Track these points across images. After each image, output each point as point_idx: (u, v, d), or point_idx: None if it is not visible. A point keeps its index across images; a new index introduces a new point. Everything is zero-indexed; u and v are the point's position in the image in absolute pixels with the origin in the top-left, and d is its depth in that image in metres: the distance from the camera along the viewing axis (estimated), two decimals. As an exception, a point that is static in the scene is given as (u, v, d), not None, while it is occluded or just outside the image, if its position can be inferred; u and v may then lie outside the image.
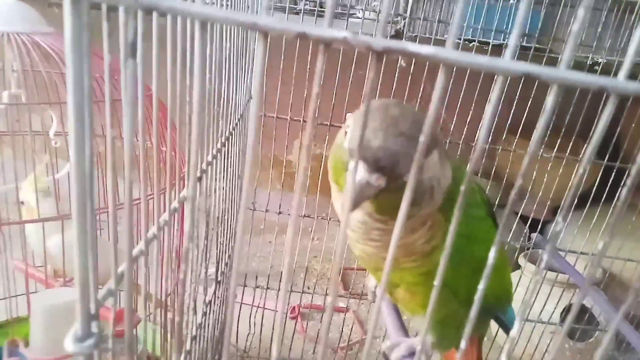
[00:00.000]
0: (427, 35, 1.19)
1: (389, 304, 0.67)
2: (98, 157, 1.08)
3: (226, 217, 0.83)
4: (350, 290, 1.79)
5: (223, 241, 0.82)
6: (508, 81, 0.23)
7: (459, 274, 0.54)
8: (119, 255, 0.33)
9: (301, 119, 1.11)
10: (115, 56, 0.28)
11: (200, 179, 0.55)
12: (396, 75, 1.07)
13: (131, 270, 0.30)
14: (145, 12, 0.23)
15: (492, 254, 0.28)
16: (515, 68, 0.23)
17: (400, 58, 1.14)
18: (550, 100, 0.24)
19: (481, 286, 0.28)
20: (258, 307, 1.43)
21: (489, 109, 0.24)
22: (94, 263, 0.30)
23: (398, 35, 1.23)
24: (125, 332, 0.31)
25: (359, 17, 1.18)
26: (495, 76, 0.23)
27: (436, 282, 0.28)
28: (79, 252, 0.28)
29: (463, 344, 0.30)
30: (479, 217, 0.57)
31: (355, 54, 1.00)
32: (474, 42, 1.14)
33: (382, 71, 1.08)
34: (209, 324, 0.79)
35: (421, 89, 1.08)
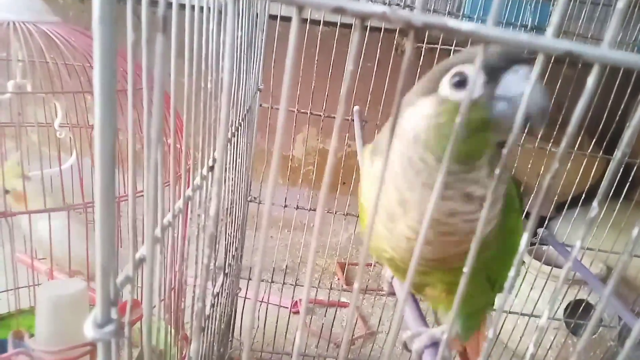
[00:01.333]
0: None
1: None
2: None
3: (234, 209, 0.82)
4: (353, 285, 1.79)
5: (231, 233, 0.81)
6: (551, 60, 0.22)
7: (502, 266, 0.53)
8: (133, 243, 0.33)
9: (308, 111, 1.10)
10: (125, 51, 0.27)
11: (212, 168, 0.54)
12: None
13: (154, 254, 0.30)
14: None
15: (523, 241, 0.27)
16: (557, 46, 0.22)
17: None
18: (590, 81, 0.24)
19: (512, 273, 0.27)
20: (262, 301, 1.42)
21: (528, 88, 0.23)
22: (115, 250, 0.29)
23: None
24: (143, 316, 0.30)
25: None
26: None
27: (465, 269, 0.27)
28: (102, 238, 0.27)
29: (491, 333, 0.29)
30: (518, 209, 0.56)
31: (365, 46, 0.99)
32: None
33: (390, 63, 1.07)
34: (216, 316, 0.78)
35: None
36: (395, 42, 1.64)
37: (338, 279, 1.89)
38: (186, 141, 0.43)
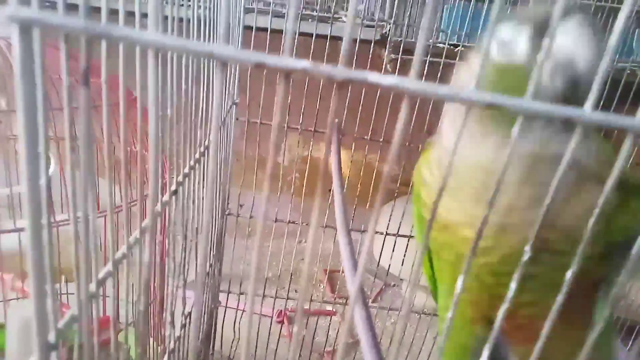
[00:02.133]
0: (413, 40, 1.19)
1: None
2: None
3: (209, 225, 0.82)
4: (336, 293, 1.79)
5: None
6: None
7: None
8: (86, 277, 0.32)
9: (285, 125, 1.10)
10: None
11: (175, 192, 0.54)
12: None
13: (87, 306, 0.29)
14: (96, 40, 0.22)
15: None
16: (478, 98, 0.22)
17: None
18: (515, 131, 0.24)
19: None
20: (243, 311, 1.42)
21: (453, 138, 0.23)
22: (54, 288, 0.29)
23: (383, 39, 1.23)
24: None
25: (343, 22, 1.18)
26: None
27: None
28: (35, 275, 0.25)
29: None
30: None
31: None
32: (459, 47, 1.14)
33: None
34: (189, 336, 0.78)
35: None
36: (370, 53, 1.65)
37: (324, 287, 1.89)
38: (140, 167, 0.43)
